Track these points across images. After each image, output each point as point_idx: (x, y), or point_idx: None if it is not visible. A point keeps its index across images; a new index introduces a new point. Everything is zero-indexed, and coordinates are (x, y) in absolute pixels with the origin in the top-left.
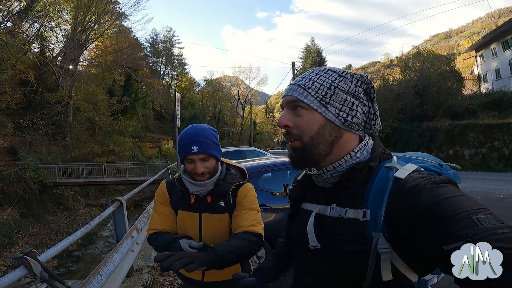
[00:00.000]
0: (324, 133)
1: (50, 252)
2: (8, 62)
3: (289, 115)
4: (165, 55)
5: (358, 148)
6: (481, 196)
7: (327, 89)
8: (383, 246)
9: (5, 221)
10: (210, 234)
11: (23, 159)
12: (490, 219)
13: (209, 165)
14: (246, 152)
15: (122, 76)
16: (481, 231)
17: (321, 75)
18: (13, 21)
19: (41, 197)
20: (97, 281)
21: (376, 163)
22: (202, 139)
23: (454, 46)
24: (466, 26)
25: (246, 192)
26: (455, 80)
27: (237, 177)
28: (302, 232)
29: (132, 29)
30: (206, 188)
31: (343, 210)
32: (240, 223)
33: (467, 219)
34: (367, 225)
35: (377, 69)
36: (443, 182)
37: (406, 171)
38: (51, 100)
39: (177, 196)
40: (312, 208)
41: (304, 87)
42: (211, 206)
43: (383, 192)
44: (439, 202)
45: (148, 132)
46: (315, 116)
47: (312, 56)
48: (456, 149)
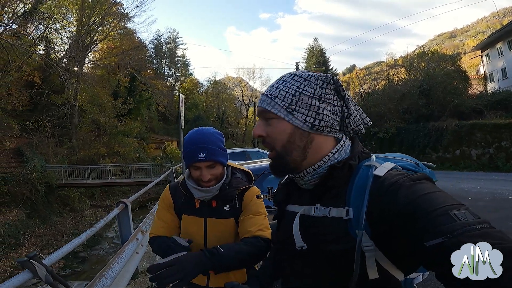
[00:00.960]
0: (295, 140)
1: (55, 255)
2: (14, 64)
3: (262, 125)
4: (169, 56)
5: (335, 149)
6: (489, 197)
7: (292, 96)
8: (367, 243)
9: (12, 222)
10: (215, 239)
11: (29, 160)
12: (467, 214)
13: (215, 172)
14: (250, 153)
15: (126, 78)
16: (459, 226)
17: (287, 82)
18: (19, 23)
19: (47, 199)
20: (102, 284)
21: (355, 161)
22: (209, 146)
23: (459, 45)
24: (471, 26)
25: (252, 196)
26: (461, 80)
27: (243, 181)
28: (288, 234)
29: (136, 31)
30: (211, 194)
31: (326, 209)
32: (247, 228)
33: (445, 215)
34: (350, 223)
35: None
36: (420, 179)
37: (384, 169)
38: (57, 102)
39: (181, 200)
40: (297, 209)
41: (271, 97)
42: (216, 211)
43: (364, 190)
44: (417, 199)
45: (153, 134)
46: (284, 125)
47: (315, 57)
48: (463, 149)
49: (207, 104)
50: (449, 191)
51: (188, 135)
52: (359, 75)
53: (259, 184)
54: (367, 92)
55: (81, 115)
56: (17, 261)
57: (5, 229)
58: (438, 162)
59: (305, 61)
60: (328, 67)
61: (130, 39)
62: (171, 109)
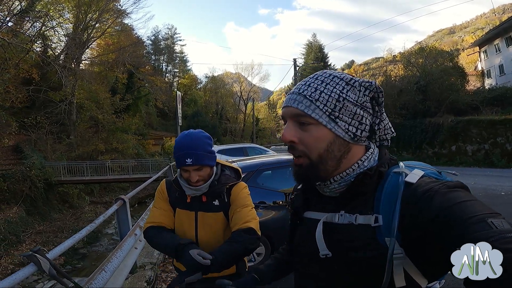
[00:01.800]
0: (333, 150)
1: (57, 250)
2: (11, 61)
3: (294, 129)
4: (167, 52)
5: (365, 157)
6: (482, 193)
7: (336, 101)
8: (397, 251)
9: (12, 220)
10: (205, 232)
11: (28, 157)
12: (504, 223)
13: (203, 174)
14: (247, 149)
15: (124, 74)
16: (495, 233)
17: (328, 84)
18: (15, 21)
19: (46, 195)
20: (102, 277)
21: (385, 168)
22: (196, 151)
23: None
24: (470, 22)
25: (239, 190)
26: (458, 76)
27: (231, 177)
28: (308, 241)
29: (133, 27)
30: (201, 191)
31: (353, 216)
32: (235, 222)
33: (482, 222)
34: (379, 230)
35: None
36: (457, 187)
37: (415, 176)
38: (55, 98)
39: (175, 195)
40: (318, 216)
41: (311, 99)
42: (206, 205)
43: (394, 197)
44: (453, 206)
45: (151, 130)
46: (323, 132)
47: (314, 52)
48: (459, 145)
49: (205, 100)
50: None
51: (177, 139)
52: (358, 71)
53: (253, 180)
54: None
55: (79, 112)
56: (22, 255)
57: (5, 226)
58: (434, 158)
59: (304, 57)
60: (327, 63)
61: (127, 36)
62: (169, 105)
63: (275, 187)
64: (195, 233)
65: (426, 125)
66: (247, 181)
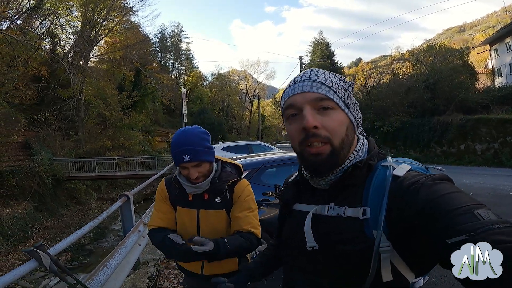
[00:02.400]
0: (349, 135)
1: (59, 245)
2: (20, 59)
3: (316, 114)
4: (174, 50)
5: (358, 147)
6: (490, 192)
7: (344, 90)
8: (384, 244)
9: (20, 215)
10: (208, 229)
11: (37, 153)
12: (490, 214)
13: (202, 170)
14: (253, 146)
15: (131, 72)
16: (482, 225)
17: (330, 76)
18: (24, 19)
19: (54, 191)
20: (104, 274)
21: (374, 161)
22: (193, 147)
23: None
24: (480, 20)
25: (243, 188)
26: (468, 74)
27: (232, 174)
28: (297, 233)
29: (140, 25)
30: (202, 189)
31: (341, 208)
32: (240, 225)
33: (468, 213)
34: (367, 223)
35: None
36: (442, 179)
37: (403, 170)
38: (64, 95)
39: (175, 193)
40: (307, 208)
41: (329, 86)
42: (208, 203)
43: (382, 190)
44: (439, 198)
45: (158, 126)
46: (342, 116)
47: (320, 50)
48: (468, 144)
49: (211, 97)
50: None
51: (174, 136)
52: (365, 68)
53: (257, 177)
54: (372, 85)
55: (87, 109)
56: (23, 251)
57: (14, 222)
58: (442, 157)
59: (310, 55)
60: (333, 61)
61: (134, 33)
62: (175, 102)
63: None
64: (197, 231)
65: (435, 123)
66: (251, 178)
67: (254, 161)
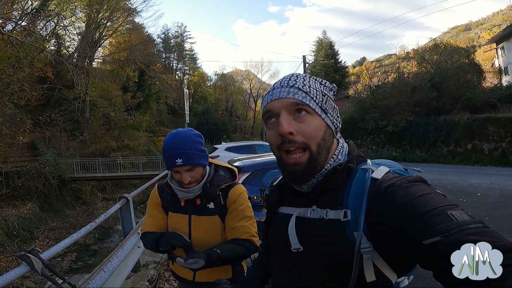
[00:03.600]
0: (326, 139)
1: (53, 249)
2: (25, 60)
3: (292, 120)
4: (177, 50)
5: (338, 151)
6: (498, 193)
7: (322, 95)
8: (365, 245)
9: (26, 216)
10: (199, 235)
11: (42, 154)
12: (463, 214)
13: (195, 174)
14: (256, 147)
15: (135, 72)
16: (455, 225)
17: (309, 81)
18: (28, 21)
19: (60, 192)
20: (100, 277)
21: (354, 164)
22: (186, 150)
23: (474, 38)
24: (486, 19)
25: (237, 194)
26: (474, 73)
27: (225, 178)
28: (281, 236)
29: (144, 25)
30: (194, 194)
31: (323, 211)
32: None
33: (442, 214)
34: (348, 225)
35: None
36: (416, 181)
37: (381, 172)
38: (69, 96)
39: (167, 198)
40: (291, 211)
41: (306, 91)
42: (200, 209)
43: (362, 193)
44: (414, 199)
45: (162, 127)
46: (319, 122)
47: (324, 49)
48: (475, 144)
49: (215, 97)
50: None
51: (165, 139)
52: (369, 67)
53: (259, 179)
54: (376, 85)
55: (92, 109)
56: (15, 255)
57: (20, 223)
58: (449, 156)
59: (314, 54)
60: (337, 60)
61: (138, 34)
62: (179, 102)
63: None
64: (189, 237)
65: (441, 122)
66: (252, 180)
67: (256, 163)
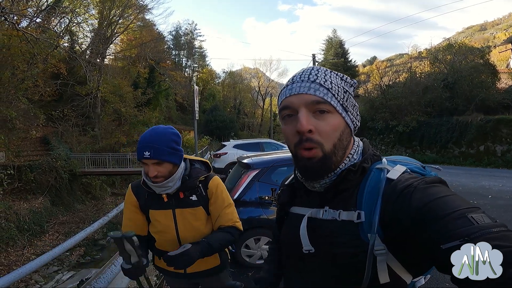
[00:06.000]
0: (343, 139)
1: (49, 254)
2: (39, 57)
3: (311, 118)
4: (187, 47)
5: (353, 150)
6: (510, 196)
7: (343, 92)
8: (379, 247)
9: (37, 210)
10: (186, 228)
11: (54, 149)
12: (484, 217)
13: (162, 170)
14: (264, 144)
15: (146, 69)
16: (477, 229)
17: (330, 76)
18: (42, 17)
19: (71, 186)
20: (111, 271)
21: (368, 164)
22: (156, 145)
23: (490, 38)
24: (502, 19)
25: (216, 184)
26: (489, 74)
27: (202, 170)
28: (293, 237)
29: (154, 23)
30: (169, 188)
31: (336, 212)
32: (222, 222)
33: (462, 217)
34: (362, 226)
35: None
36: (435, 182)
37: (397, 172)
38: (81, 92)
39: (145, 197)
40: (303, 211)
41: (328, 88)
42: (183, 201)
43: (376, 193)
44: (433, 201)
45: (171, 123)
46: (339, 120)
47: (334, 48)
48: (488, 145)
49: (224, 94)
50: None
51: (144, 133)
52: (380, 67)
53: (268, 177)
54: (387, 84)
55: (104, 105)
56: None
57: (30, 217)
58: (460, 158)
59: (323, 53)
60: (347, 59)
61: (149, 31)
62: (188, 99)
63: None
64: (175, 231)
65: (453, 123)
66: (261, 177)
67: (265, 160)
